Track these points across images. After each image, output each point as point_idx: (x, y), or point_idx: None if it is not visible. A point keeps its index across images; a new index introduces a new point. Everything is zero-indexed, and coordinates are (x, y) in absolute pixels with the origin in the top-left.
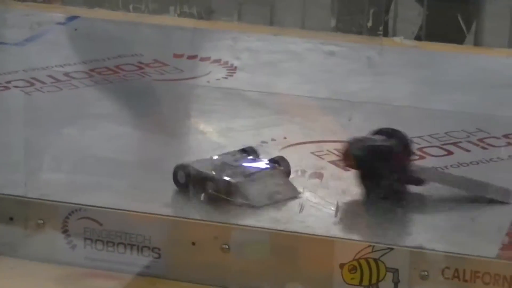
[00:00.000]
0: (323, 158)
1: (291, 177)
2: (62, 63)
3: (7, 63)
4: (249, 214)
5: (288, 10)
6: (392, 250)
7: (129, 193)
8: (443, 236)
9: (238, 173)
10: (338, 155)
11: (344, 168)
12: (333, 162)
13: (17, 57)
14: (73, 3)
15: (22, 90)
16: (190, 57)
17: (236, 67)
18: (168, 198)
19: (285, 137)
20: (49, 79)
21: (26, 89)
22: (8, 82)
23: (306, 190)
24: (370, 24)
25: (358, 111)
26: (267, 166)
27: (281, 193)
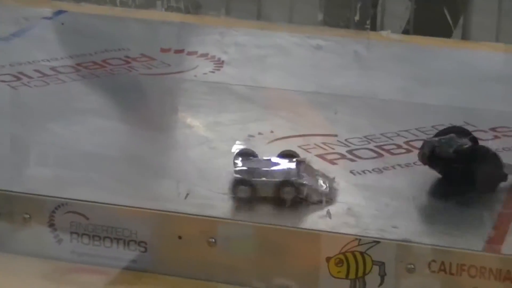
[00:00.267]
0: (310, 152)
1: None
2: (49, 57)
3: None
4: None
5: (276, 4)
6: (379, 243)
7: (116, 187)
8: (429, 229)
9: (294, 173)
10: (326, 149)
11: (331, 161)
12: (320, 156)
13: (3, 51)
14: None
15: (9, 85)
16: (177, 52)
17: (223, 62)
18: (155, 191)
19: (272, 131)
20: (36, 73)
21: (12, 83)
22: None
23: None
24: (357, 18)
25: (344, 105)
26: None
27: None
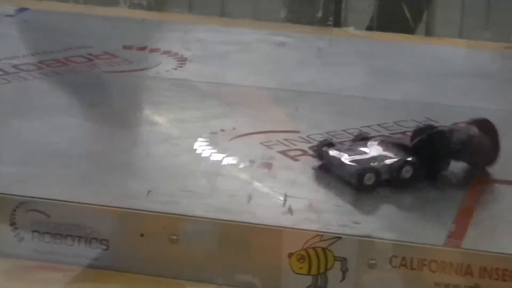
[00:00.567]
0: (272, 148)
1: (240, 167)
2: (11, 55)
3: None
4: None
5: (239, 1)
6: (340, 239)
7: (78, 185)
8: (391, 225)
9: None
10: (288, 145)
11: (293, 158)
12: (282, 152)
13: None
14: None
15: None
16: (140, 49)
17: (186, 58)
18: (117, 189)
19: (234, 128)
20: None
21: None
22: None
23: (255, 180)
24: (320, 15)
25: (306, 102)
26: None
27: None
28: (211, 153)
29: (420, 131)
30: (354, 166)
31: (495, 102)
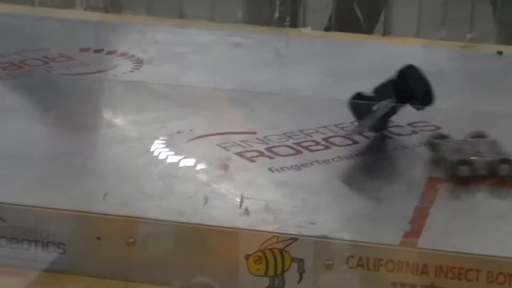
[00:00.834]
0: (228, 150)
1: (197, 169)
2: None
3: None
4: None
5: (197, 2)
6: (297, 240)
7: (33, 188)
8: (347, 225)
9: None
10: (245, 147)
11: (250, 159)
12: (239, 154)
13: None
14: None
15: None
16: (96, 51)
17: (143, 60)
18: (73, 192)
19: (191, 129)
20: None
21: None
22: None
23: (211, 182)
24: (277, 15)
25: (264, 102)
26: None
27: None
28: (168, 155)
29: None
30: (452, 158)
31: (452, 101)
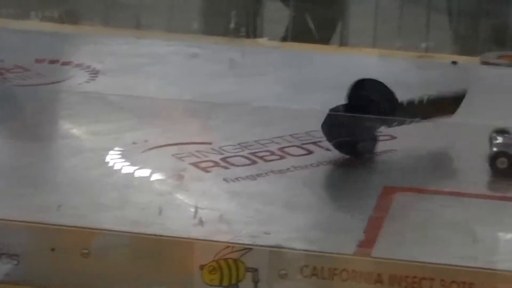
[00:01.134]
0: (183, 160)
1: (152, 179)
2: None
3: None
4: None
5: (154, 13)
6: (251, 250)
7: None
8: (301, 234)
9: None
10: (200, 157)
11: (205, 169)
12: (194, 164)
13: None
14: None
15: None
16: (51, 62)
17: (99, 71)
18: (27, 203)
19: (146, 140)
20: None
21: None
22: None
23: (166, 192)
24: (233, 26)
25: (219, 113)
26: None
27: None
28: (123, 166)
29: None
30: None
31: None
